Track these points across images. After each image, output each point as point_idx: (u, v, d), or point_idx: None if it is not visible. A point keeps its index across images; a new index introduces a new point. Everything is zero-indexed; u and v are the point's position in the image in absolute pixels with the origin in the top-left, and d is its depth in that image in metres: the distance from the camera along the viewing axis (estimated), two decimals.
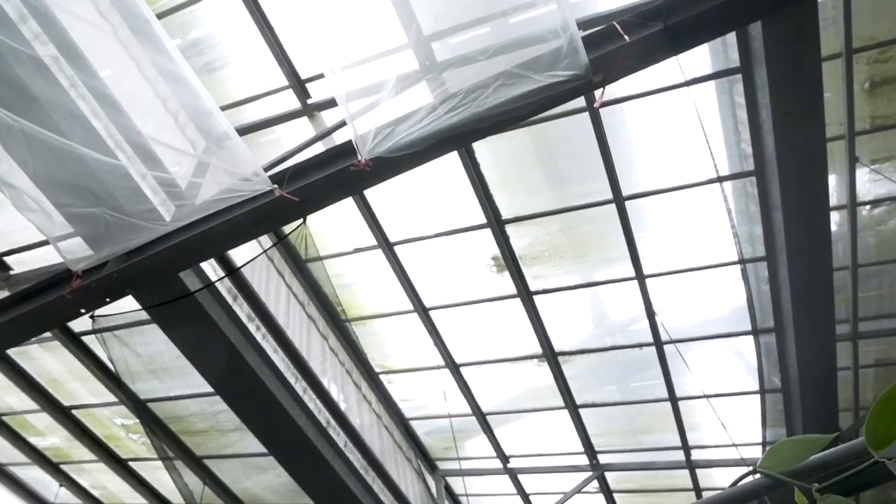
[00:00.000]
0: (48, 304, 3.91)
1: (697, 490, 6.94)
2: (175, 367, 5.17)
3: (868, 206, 5.13)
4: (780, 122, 3.93)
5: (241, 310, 4.69)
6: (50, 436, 7.09)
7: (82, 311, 3.92)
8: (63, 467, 7.50)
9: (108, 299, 3.85)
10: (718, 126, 4.66)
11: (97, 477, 7.53)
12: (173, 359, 4.93)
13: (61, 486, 7.60)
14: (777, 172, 4.25)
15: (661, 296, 5.57)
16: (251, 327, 4.73)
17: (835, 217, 5.14)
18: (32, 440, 7.17)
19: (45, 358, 6.02)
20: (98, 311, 4.06)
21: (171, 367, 5.26)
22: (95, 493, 7.80)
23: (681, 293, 5.64)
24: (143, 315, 4.54)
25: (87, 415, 6.70)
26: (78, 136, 3.33)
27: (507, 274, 5.47)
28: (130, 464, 7.22)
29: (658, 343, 5.74)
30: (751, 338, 5.76)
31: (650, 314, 5.55)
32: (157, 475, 7.17)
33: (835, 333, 5.03)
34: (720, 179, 4.68)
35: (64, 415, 6.65)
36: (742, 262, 5.16)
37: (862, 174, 4.90)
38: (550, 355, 6.03)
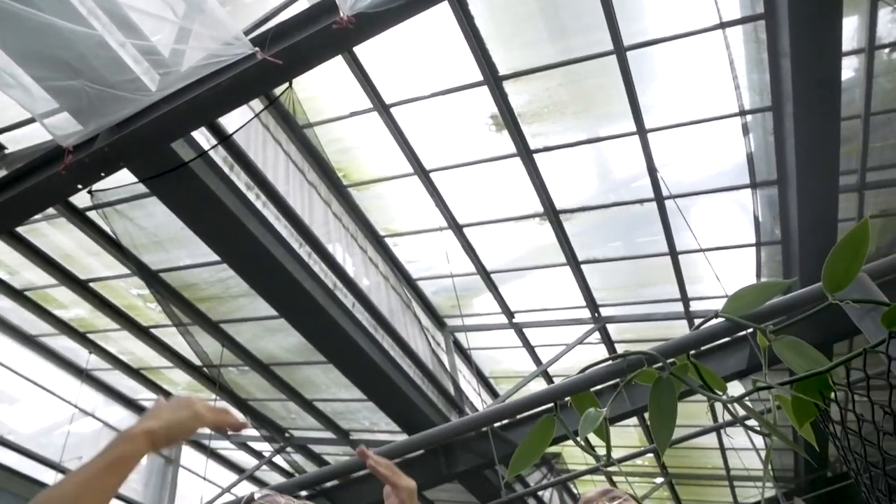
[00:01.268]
0: (45, 181, 3.90)
1: None
2: (180, 237, 5.25)
3: (887, 50, 4.88)
4: None
5: (239, 179, 4.69)
6: (73, 308, 7.38)
7: (79, 186, 3.92)
8: (90, 336, 7.85)
9: (102, 174, 3.84)
10: None
11: (123, 344, 7.92)
12: (177, 230, 5.00)
13: (91, 353, 8.02)
14: (787, 14, 4.01)
15: (665, 151, 5.48)
16: (250, 196, 4.75)
17: (851, 62, 4.92)
18: (57, 312, 7.46)
19: (55, 234, 6.14)
20: (95, 186, 4.07)
21: (176, 238, 5.35)
22: (124, 358, 8.23)
23: (685, 148, 5.55)
24: (143, 188, 4.56)
25: (105, 287, 6.93)
26: (47, 4, 3.17)
27: (506, 133, 5.37)
28: (152, 331, 7.57)
29: (659, 198, 5.74)
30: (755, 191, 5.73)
31: (651, 169, 5.49)
32: (180, 340, 7.50)
33: (838, 184, 4.98)
34: (723, 25, 4.43)
35: (83, 288, 6.87)
36: (742, 113, 5.02)
37: (884, 14, 4.62)
38: (552, 213, 6.05)
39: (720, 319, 1.26)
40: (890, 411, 0.82)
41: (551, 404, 1.47)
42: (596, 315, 7.26)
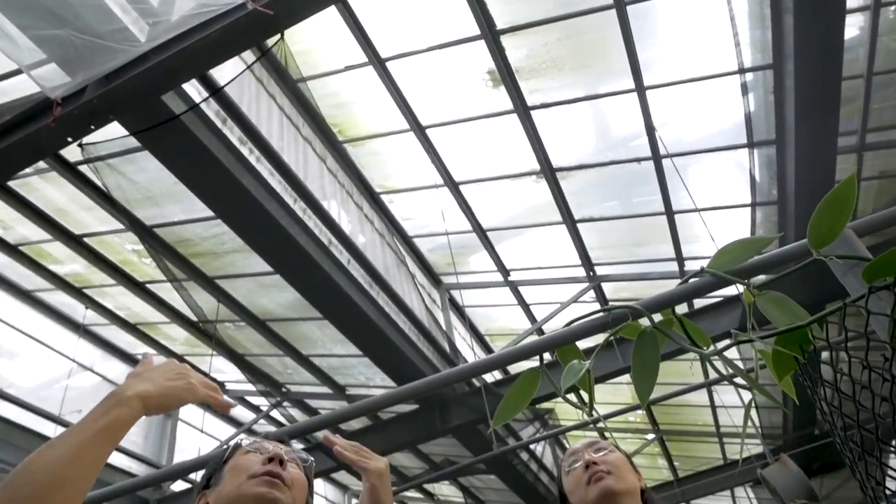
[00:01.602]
0: (34, 133, 3.84)
1: None
2: (173, 192, 5.21)
3: (893, 8, 4.78)
4: None
5: (232, 133, 4.63)
6: (68, 263, 7.37)
7: (69, 139, 3.86)
8: (86, 291, 7.86)
9: (92, 126, 3.78)
10: None
11: (120, 299, 7.94)
12: (170, 185, 4.96)
13: (87, 308, 8.04)
14: None
15: (664, 109, 5.41)
16: (244, 150, 4.69)
17: (856, 20, 4.83)
18: (52, 268, 7.45)
19: (47, 189, 6.09)
20: (86, 140, 4.02)
21: (169, 193, 5.31)
22: (121, 313, 8.26)
23: (683, 106, 5.48)
24: (135, 142, 4.50)
25: (100, 242, 6.91)
26: None
27: (503, 88, 5.29)
28: (148, 286, 7.58)
29: (656, 157, 5.69)
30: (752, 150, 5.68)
31: (649, 128, 5.44)
32: (176, 295, 7.51)
33: (837, 145, 4.94)
34: None
35: (77, 243, 6.85)
36: (742, 71, 4.94)
37: None
38: (549, 171, 6.02)
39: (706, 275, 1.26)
40: (867, 365, 0.83)
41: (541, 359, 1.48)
42: (591, 274, 7.28)
